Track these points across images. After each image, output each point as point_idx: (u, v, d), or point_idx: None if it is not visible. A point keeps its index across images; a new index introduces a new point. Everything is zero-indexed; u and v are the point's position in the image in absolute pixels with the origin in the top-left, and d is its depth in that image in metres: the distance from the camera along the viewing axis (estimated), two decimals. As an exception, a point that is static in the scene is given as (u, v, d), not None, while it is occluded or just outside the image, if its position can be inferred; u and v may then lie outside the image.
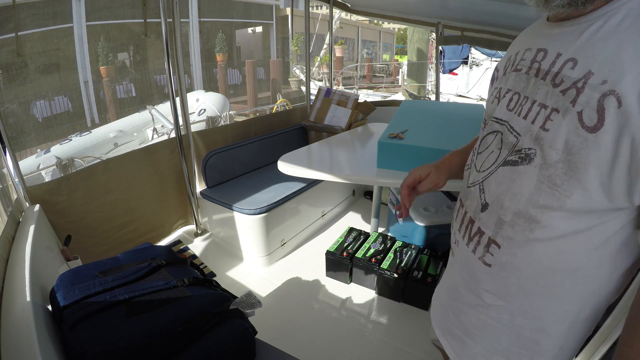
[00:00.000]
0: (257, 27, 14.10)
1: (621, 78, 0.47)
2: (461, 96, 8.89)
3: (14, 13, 5.87)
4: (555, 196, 0.55)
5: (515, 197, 0.60)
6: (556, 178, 0.54)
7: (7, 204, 1.46)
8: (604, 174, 0.50)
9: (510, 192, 0.61)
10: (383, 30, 21.99)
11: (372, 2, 3.36)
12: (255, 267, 2.28)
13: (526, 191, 0.58)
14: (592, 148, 0.50)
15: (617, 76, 0.48)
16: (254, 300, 1.13)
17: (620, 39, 0.49)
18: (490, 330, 0.70)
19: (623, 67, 0.48)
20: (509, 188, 0.61)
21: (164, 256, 1.23)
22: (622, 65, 0.48)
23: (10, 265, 1.11)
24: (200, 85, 10.94)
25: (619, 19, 0.50)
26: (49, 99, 8.07)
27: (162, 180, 2.32)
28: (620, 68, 0.48)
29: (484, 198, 0.67)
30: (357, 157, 2.25)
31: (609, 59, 0.49)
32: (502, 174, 0.63)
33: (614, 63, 0.49)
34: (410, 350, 1.68)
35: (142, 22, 3.31)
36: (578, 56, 0.53)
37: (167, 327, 0.93)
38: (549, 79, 0.56)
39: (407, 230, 2.29)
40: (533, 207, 0.58)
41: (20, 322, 0.86)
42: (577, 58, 0.53)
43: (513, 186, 0.60)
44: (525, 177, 0.58)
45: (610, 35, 0.50)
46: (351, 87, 11.10)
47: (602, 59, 0.50)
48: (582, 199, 0.53)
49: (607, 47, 0.50)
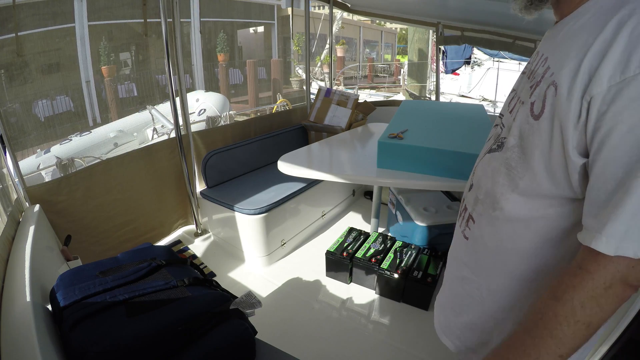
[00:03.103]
0: (258, 27, 14.11)
1: (561, 69, 0.52)
2: (463, 96, 8.88)
3: (14, 13, 5.88)
4: (510, 177, 0.61)
5: (487, 178, 0.68)
6: (512, 161, 0.61)
7: (7, 204, 1.46)
8: (546, 158, 0.55)
9: (485, 175, 0.69)
10: (385, 30, 21.97)
11: (372, 2, 3.35)
12: (255, 267, 2.28)
13: (494, 173, 0.66)
14: (536, 134, 0.55)
15: (559, 68, 0.53)
16: (254, 300, 1.13)
17: (579, 35, 0.52)
18: (470, 305, 0.74)
19: (567, 59, 0.52)
20: (485, 171, 0.70)
21: (164, 256, 1.23)
22: (567, 58, 0.52)
23: (10, 265, 1.12)
24: (202, 85, 10.94)
25: (587, 17, 0.53)
26: (51, 98, 8.08)
27: (162, 180, 2.32)
28: (565, 60, 0.52)
29: (472, 180, 0.77)
30: (357, 157, 2.25)
31: (563, 53, 0.53)
32: (486, 160, 0.71)
33: (562, 57, 0.53)
34: (411, 350, 1.68)
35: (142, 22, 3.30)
36: (549, 54, 0.58)
37: (167, 327, 0.93)
38: (530, 77, 0.63)
39: (407, 230, 2.29)
40: (494, 185, 0.65)
41: (20, 322, 0.86)
42: (548, 56, 0.58)
43: (488, 169, 0.69)
44: (495, 161, 0.66)
45: (575, 33, 0.54)
46: (352, 87, 11.09)
47: (559, 54, 0.55)
48: (531, 182, 0.58)
49: (567, 43, 0.54)
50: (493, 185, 0.65)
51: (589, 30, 0.51)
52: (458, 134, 1.83)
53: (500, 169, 0.64)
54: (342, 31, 13.16)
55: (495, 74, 8.29)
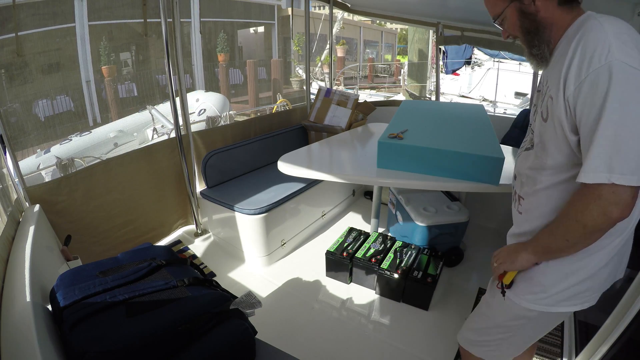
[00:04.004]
0: (258, 27, 14.11)
1: (552, 85, 0.82)
2: (464, 96, 8.88)
3: (14, 13, 5.88)
4: (540, 159, 0.90)
5: (525, 166, 0.96)
6: (538, 152, 0.90)
7: (7, 204, 1.46)
8: (556, 143, 0.83)
9: (523, 165, 0.98)
10: (385, 30, 21.98)
11: (372, 2, 3.35)
12: (255, 267, 2.28)
13: (529, 162, 0.95)
14: (547, 130, 0.85)
15: (551, 84, 0.82)
16: (254, 300, 1.13)
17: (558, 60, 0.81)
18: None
19: (554, 77, 0.81)
20: (522, 162, 0.99)
21: (164, 256, 1.23)
22: (554, 77, 0.81)
23: (10, 265, 1.12)
24: (202, 85, 10.94)
25: (562, 46, 0.83)
26: (51, 98, 8.08)
27: (162, 180, 2.32)
28: (553, 79, 0.81)
29: (514, 170, 1.06)
30: (357, 157, 2.25)
31: (552, 74, 0.83)
32: (523, 155, 1.00)
33: (552, 76, 0.82)
34: (411, 350, 1.68)
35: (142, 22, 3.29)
36: (547, 77, 0.87)
37: (167, 327, 0.93)
38: (541, 93, 0.91)
39: (407, 230, 2.29)
40: (530, 169, 0.94)
41: (20, 322, 0.86)
42: (547, 78, 0.87)
43: (525, 161, 0.97)
44: (529, 155, 0.95)
45: (557, 59, 0.83)
46: (352, 87, 11.10)
47: (551, 75, 0.84)
48: (552, 162, 0.86)
49: (554, 67, 0.83)
50: (530, 170, 0.94)
51: (562, 54, 0.79)
52: (458, 134, 1.83)
53: (532, 158, 0.93)
54: (342, 31, 13.14)
55: (496, 74, 8.30)
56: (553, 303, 0.92)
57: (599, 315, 1.34)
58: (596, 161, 0.71)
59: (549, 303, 0.92)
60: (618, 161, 0.69)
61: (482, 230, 2.70)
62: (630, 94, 0.69)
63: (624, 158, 0.69)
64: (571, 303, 0.92)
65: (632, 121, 0.69)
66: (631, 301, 1.07)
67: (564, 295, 0.91)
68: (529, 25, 0.88)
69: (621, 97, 0.69)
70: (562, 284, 0.90)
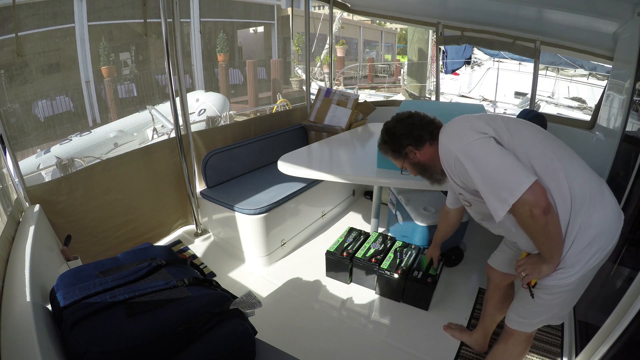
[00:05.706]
0: (258, 27, 14.10)
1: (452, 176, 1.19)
2: (463, 96, 8.88)
3: (14, 13, 5.88)
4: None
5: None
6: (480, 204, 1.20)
7: (7, 204, 1.46)
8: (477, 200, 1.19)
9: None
10: (385, 30, 21.97)
11: (372, 2, 3.36)
12: (255, 267, 2.28)
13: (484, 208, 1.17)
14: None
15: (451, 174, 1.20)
16: (254, 300, 1.13)
17: (452, 173, 1.18)
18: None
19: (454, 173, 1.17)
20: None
21: (163, 256, 1.23)
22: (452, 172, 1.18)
23: (10, 265, 1.12)
24: (202, 85, 10.93)
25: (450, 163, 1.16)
26: (51, 98, 8.08)
27: (162, 180, 2.32)
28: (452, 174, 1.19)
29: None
30: (357, 157, 2.25)
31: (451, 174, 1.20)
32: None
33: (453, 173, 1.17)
34: (411, 350, 1.68)
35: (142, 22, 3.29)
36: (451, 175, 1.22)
37: (167, 327, 0.93)
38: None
39: (407, 230, 2.29)
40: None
41: (20, 322, 0.86)
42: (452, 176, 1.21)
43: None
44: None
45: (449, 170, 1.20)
46: (352, 87, 11.10)
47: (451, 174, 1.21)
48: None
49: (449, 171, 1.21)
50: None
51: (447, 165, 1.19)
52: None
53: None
54: (342, 31, 13.15)
55: (495, 74, 8.30)
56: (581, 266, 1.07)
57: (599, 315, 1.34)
58: (493, 197, 1.02)
59: (578, 271, 1.08)
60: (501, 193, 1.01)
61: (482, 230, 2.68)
62: (474, 158, 1.06)
63: (501, 189, 1.00)
64: (594, 253, 1.06)
65: (485, 170, 1.03)
66: (631, 301, 1.07)
67: (585, 256, 1.06)
68: (420, 168, 1.32)
69: (471, 165, 1.05)
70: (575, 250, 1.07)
